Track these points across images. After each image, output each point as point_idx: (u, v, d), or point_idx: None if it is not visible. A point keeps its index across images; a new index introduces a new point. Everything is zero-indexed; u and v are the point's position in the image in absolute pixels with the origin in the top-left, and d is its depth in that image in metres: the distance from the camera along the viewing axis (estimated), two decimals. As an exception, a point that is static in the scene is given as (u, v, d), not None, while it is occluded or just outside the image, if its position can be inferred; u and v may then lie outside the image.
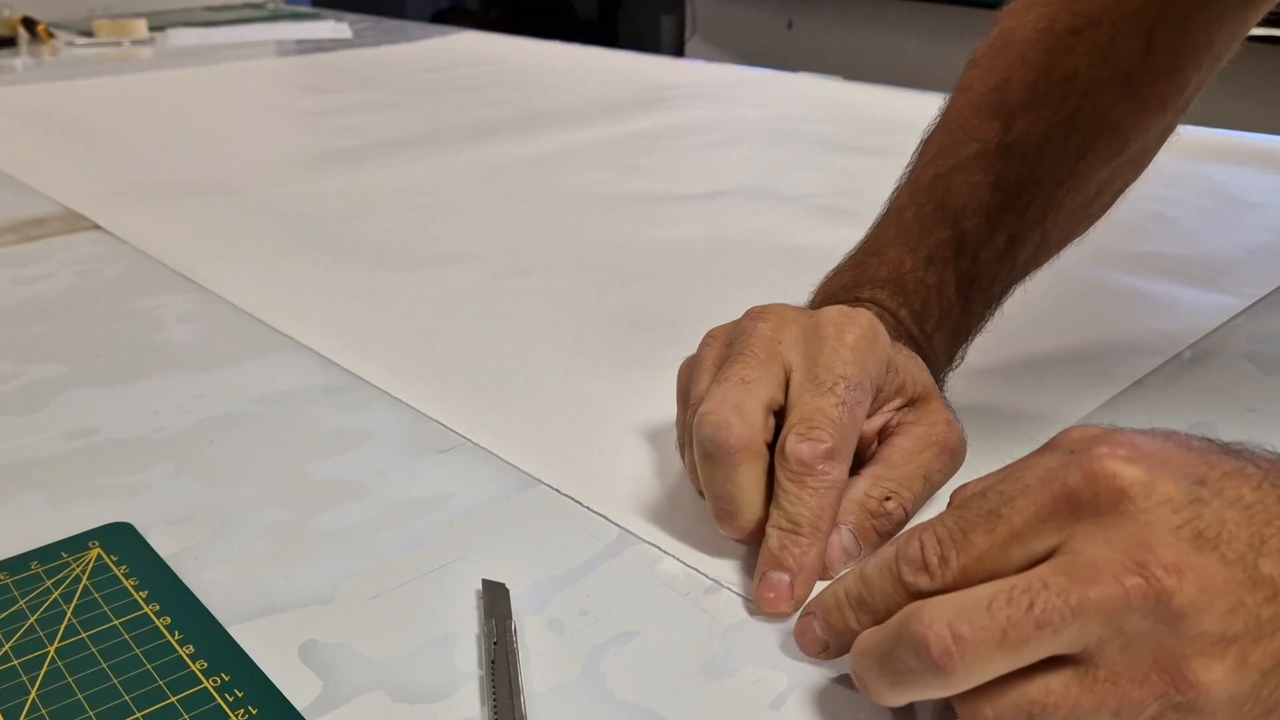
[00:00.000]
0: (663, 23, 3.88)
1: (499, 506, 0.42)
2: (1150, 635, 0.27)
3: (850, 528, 0.38)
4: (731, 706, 0.32)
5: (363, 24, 1.78)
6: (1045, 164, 0.47)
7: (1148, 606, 0.27)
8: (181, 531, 0.40)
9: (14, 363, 0.54)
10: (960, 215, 0.47)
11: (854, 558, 0.38)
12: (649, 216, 0.77)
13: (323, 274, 0.66)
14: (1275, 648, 0.27)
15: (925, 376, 0.42)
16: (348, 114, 1.10)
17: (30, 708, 0.32)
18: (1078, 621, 0.27)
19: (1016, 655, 0.27)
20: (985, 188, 0.47)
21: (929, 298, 0.46)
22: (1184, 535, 0.27)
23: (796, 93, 1.21)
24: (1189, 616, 0.27)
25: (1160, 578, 0.27)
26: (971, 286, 0.47)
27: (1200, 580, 0.27)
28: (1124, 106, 0.47)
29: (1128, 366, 0.52)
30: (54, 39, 1.58)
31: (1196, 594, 0.27)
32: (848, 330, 0.39)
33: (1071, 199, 0.48)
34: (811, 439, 0.37)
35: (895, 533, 0.38)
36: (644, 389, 0.51)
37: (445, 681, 0.33)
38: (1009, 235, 0.47)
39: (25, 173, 0.88)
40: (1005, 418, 0.48)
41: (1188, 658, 0.27)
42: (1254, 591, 0.27)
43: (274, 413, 0.49)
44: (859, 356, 0.39)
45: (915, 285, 0.46)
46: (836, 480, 0.37)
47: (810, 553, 0.36)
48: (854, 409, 0.38)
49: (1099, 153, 0.47)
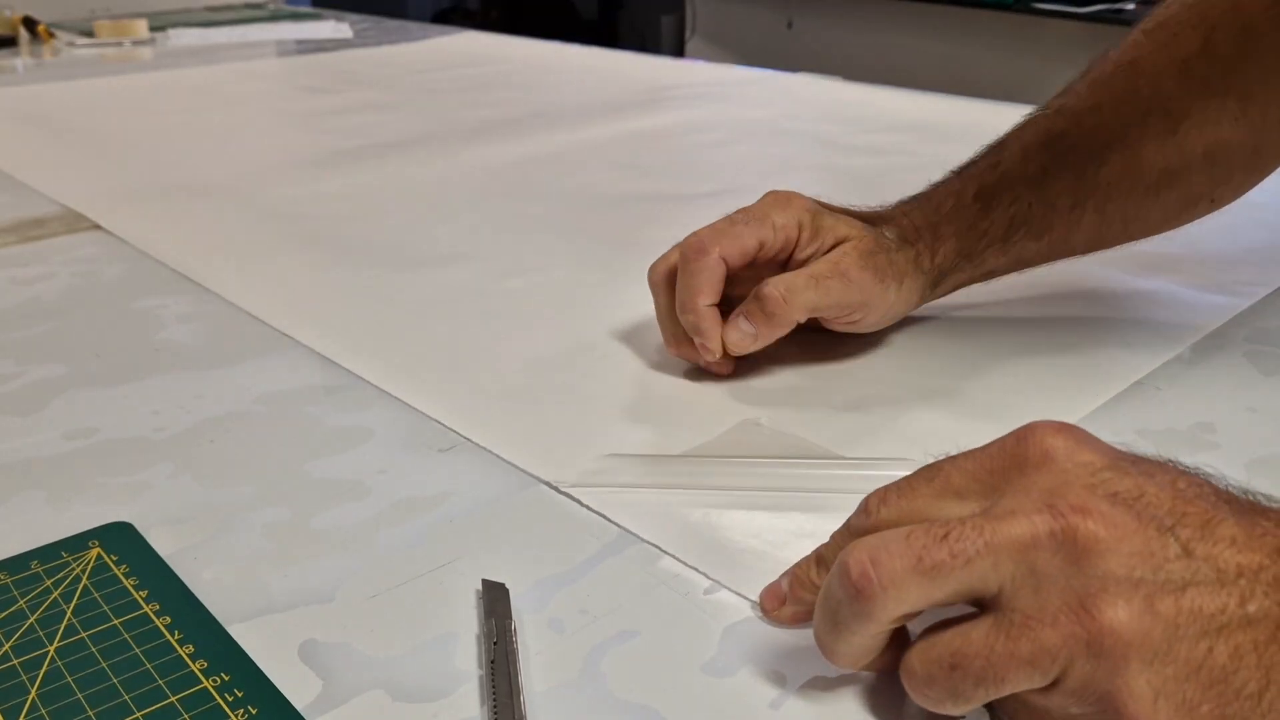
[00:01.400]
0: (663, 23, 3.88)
1: (499, 506, 0.42)
2: (1059, 575, 0.28)
3: (744, 317, 0.49)
4: (731, 706, 0.32)
5: (363, 24, 1.78)
6: (1089, 125, 0.53)
7: (1055, 544, 0.28)
8: (181, 531, 0.40)
9: (14, 363, 0.54)
10: (1000, 148, 0.55)
11: (753, 335, 0.49)
12: (649, 216, 0.77)
13: (323, 274, 0.66)
14: (1187, 604, 0.27)
15: (844, 230, 0.51)
16: (348, 114, 1.10)
17: (30, 707, 0.32)
18: (990, 555, 0.28)
19: (931, 584, 0.29)
20: (1029, 132, 0.54)
21: (943, 199, 0.54)
22: (1098, 491, 0.29)
23: (796, 93, 1.21)
24: (1094, 554, 0.28)
25: (1067, 514, 0.28)
26: (993, 197, 0.53)
27: (1108, 523, 0.28)
28: (1178, 88, 0.52)
29: (1128, 366, 0.52)
30: (54, 39, 1.58)
31: (1103, 533, 0.28)
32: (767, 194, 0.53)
33: (1126, 171, 0.53)
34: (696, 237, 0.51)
35: (773, 312, 0.49)
36: (644, 389, 0.51)
37: (445, 681, 0.33)
38: (1042, 166, 0.53)
39: (25, 173, 0.88)
40: (1005, 418, 0.48)
41: (1094, 595, 0.27)
42: (1164, 545, 0.28)
43: (274, 412, 0.49)
44: (762, 203, 0.52)
45: (934, 191, 0.55)
46: (707, 264, 0.50)
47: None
48: (736, 222, 0.51)
49: (1150, 127, 0.52)
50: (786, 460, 0.45)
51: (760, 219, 0.51)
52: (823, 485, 0.42)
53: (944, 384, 0.51)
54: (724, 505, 0.42)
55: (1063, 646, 0.27)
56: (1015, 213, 0.53)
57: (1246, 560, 0.28)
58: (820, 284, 0.49)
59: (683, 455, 0.45)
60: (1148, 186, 0.53)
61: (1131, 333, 0.56)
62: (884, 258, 0.51)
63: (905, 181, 0.57)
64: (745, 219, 0.51)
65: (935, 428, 0.47)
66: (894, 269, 0.51)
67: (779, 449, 0.46)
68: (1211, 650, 0.27)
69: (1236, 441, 0.46)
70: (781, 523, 0.41)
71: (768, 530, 0.40)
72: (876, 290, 0.51)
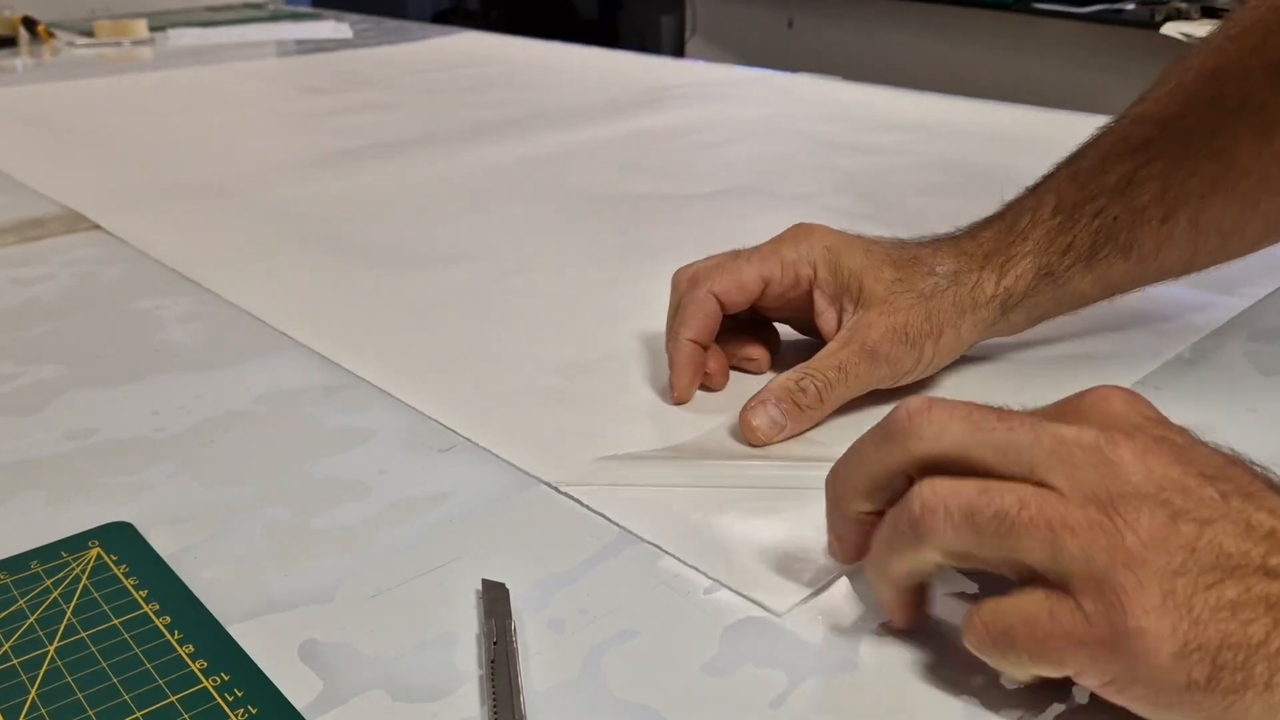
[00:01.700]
0: (663, 23, 3.88)
1: (499, 506, 0.42)
2: (1092, 470, 0.30)
3: (774, 402, 0.45)
4: (731, 706, 0.32)
5: (363, 24, 1.78)
6: (1174, 131, 0.49)
7: (1097, 451, 0.30)
8: (181, 531, 0.40)
9: (14, 363, 0.54)
10: (1078, 158, 0.51)
11: (781, 426, 0.45)
12: (649, 216, 0.77)
13: (323, 274, 0.66)
14: (1209, 536, 0.28)
15: (868, 280, 0.48)
16: (348, 114, 1.10)
17: (30, 707, 0.32)
18: (1032, 434, 0.31)
19: (982, 445, 0.31)
20: (1108, 140, 0.50)
21: (1019, 216, 0.49)
22: (1150, 430, 0.31)
23: (796, 93, 1.21)
24: (1123, 466, 0.30)
25: (1115, 434, 0.30)
26: (1075, 209, 0.49)
27: (1151, 452, 0.30)
28: (1270, 91, 0.48)
29: (1128, 367, 0.52)
30: (54, 39, 1.58)
31: (1135, 458, 0.30)
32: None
33: (1220, 180, 0.48)
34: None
35: (810, 405, 0.46)
36: (645, 389, 0.51)
37: (445, 681, 0.33)
38: (1125, 176, 0.49)
39: (25, 173, 0.88)
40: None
41: (1121, 496, 0.29)
42: (1200, 487, 0.29)
43: (274, 412, 0.49)
44: (778, 237, 0.51)
45: (1008, 209, 0.50)
46: (694, 299, 0.49)
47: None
48: (739, 256, 0.50)
49: (1242, 131, 0.48)
50: (785, 459, 0.45)
51: (768, 255, 0.49)
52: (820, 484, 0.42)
53: (942, 384, 0.51)
54: (724, 505, 0.42)
55: (1085, 530, 0.29)
56: (1100, 226, 0.48)
57: (1278, 526, 0.29)
58: (849, 376, 0.46)
59: (682, 454, 0.45)
60: (1244, 195, 0.49)
61: (1131, 333, 0.56)
62: (920, 312, 0.47)
63: (905, 182, 0.57)
64: (751, 254, 0.50)
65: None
66: (933, 322, 0.47)
67: (779, 447, 0.46)
68: (1222, 583, 0.28)
69: (1236, 442, 0.46)
70: (782, 522, 0.41)
71: (768, 529, 0.40)
72: (909, 358, 0.47)
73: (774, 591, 0.37)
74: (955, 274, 0.48)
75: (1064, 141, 0.53)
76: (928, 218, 0.75)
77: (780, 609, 0.36)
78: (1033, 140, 0.95)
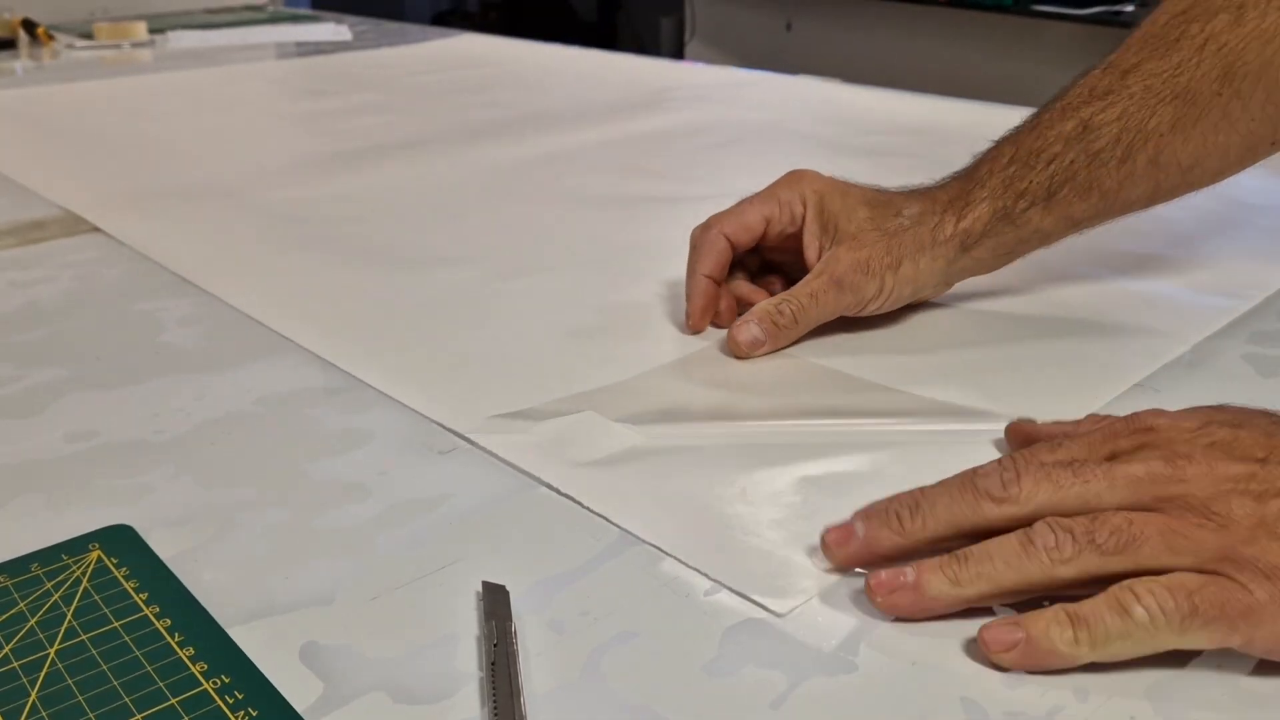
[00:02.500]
0: (662, 25, 3.88)
1: (499, 507, 0.42)
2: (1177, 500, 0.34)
3: (756, 321, 0.53)
4: (731, 707, 0.32)
5: (362, 26, 1.78)
6: (1135, 76, 0.53)
7: (1160, 478, 0.34)
8: (181, 533, 0.40)
9: (14, 366, 0.54)
10: (1043, 109, 0.55)
11: (760, 342, 0.53)
12: (649, 218, 0.77)
13: (323, 275, 0.66)
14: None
15: (851, 227, 0.54)
16: (348, 116, 1.10)
17: (31, 709, 0.32)
18: (1108, 480, 0.35)
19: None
20: (1073, 91, 0.55)
21: (980, 165, 0.55)
22: (1198, 442, 0.35)
23: (796, 95, 1.21)
24: (1196, 482, 0.34)
25: (1174, 460, 0.35)
26: (1031, 155, 0.54)
27: (1203, 460, 0.34)
28: (1232, 29, 0.51)
29: (1127, 369, 0.52)
30: (54, 41, 1.58)
31: (1201, 473, 0.34)
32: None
33: (1179, 119, 0.52)
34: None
35: (787, 325, 0.53)
36: (645, 389, 0.51)
37: (446, 683, 0.33)
38: (1079, 121, 0.53)
39: (25, 176, 0.88)
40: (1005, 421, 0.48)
41: (1207, 502, 0.34)
42: (1261, 469, 0.34)
43: (274, 414, 0.49)
44: (771, 187, 0.58)
45: (976, 161, 0.56)
46: (707, 239, 0.57)
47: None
48: (743, 201, 0.57)
49: (1203, 70, 0.52)
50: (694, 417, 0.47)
51: (767, 197, 0.57)
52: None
53: (941, 386, 0.51)
54: (725, 506, 0.42)
55: (1190, 531, 0.33)
56: (1055, 170, 0.53)
57: None
58: (819, 302, 0.53)
59: (595, 400, 0.48)
60: (1204, 133, 0.52)
61: (1131, 335, 0.56)
62: (881, 247, 0.54)
63: (904, 183, 0.58)
64: (753, 198, 0.57)
65: (935, 429, 0.47)
66: (893, 255, 0.53)
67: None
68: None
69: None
70: (783, 524, 0.41)
71: (769, 531, 0.40)
72: (871, 287, 0.54)
73: (776, 593, 0.37)
74: (919, 215, 0.54)
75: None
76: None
77: (782, 610, 0.36)
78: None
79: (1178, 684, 0.33)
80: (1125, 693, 0.32)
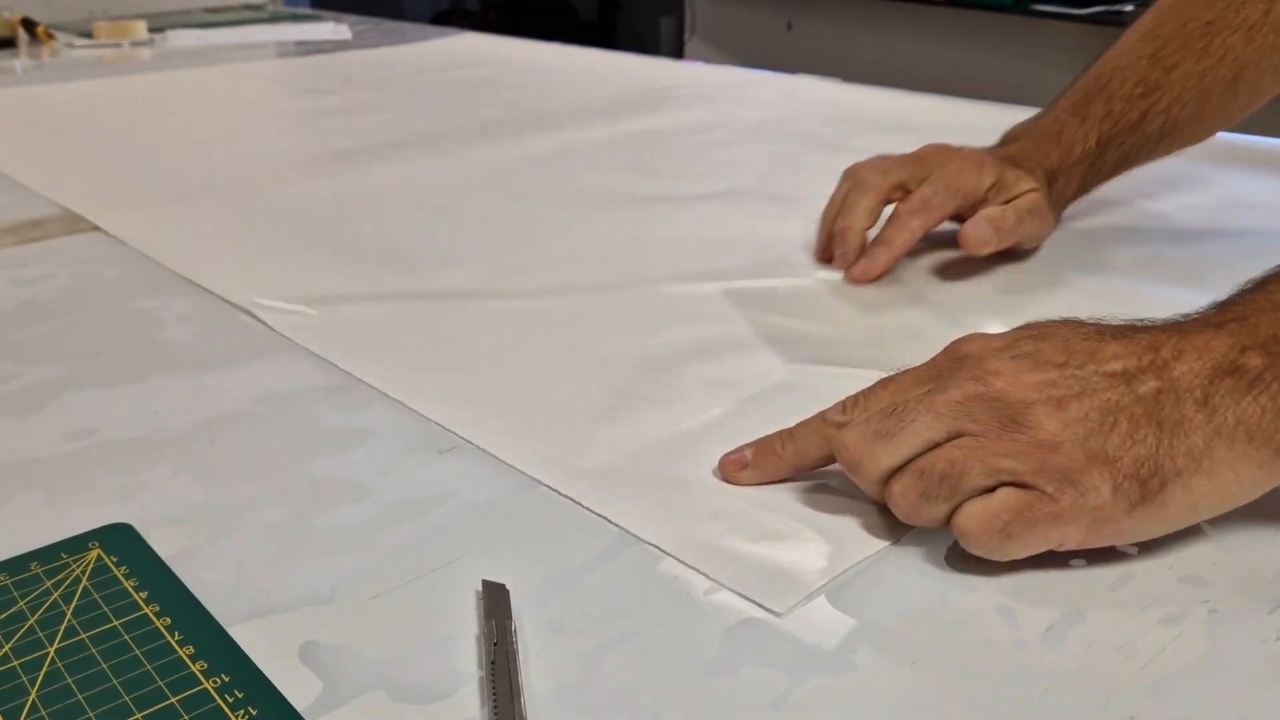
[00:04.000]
0: (662, 24, 3.88)
1: (499, 507, 0.42)
2: (985, 409, 0.38)
3: (985, 221, 0.62)
4: (731, 707, 0.32)
5: (362, 25, 1.78)
6: (1177, 76, 0.67)
7: (981, 397, 0.38)
8: (181, 532, 0.40)
9: (13, 364, 0.54)
10: (1110, 97, 0.68)
11: (990, 241, 0.62)
12: (649, 217, 0.77)
13: (322, 274, 0.66)
14: (1087, 403, 0.37)
15: (1025, 184, 0.65)
16: (347, 115, 1.10)
17: (30, 708, 0.32)
18: (932, 414, 0.38)
19: (892, 447, 0.39)
20: (1133, 80, 0.68)
21: (1072, 145, 0.68)
22: (1004, 355, 0.39)
23: (796, 94, 1.21)
24: (1006, 394, 0.38)
25: (986, 378, 0.38)
26: (1108, 143, 0.68)
27: (1014, 372, 0.38)
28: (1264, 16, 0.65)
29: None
30: (53, 40, 1.58)
31: (1007, 384, 0.38)
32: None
33: (1201, 108, 0.67)
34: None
35: (1010, 230, 0.63)
36: (644, 388, 0.51)
37: (445, 682, 0.33)
38: (1141, 111, 0.67)
39: (25, 174, 0.88)
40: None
41: (1017, 414, 0.37)
42: (1060, 376, 0.38)
43: (274, 413, 0.49)
44: (953, 171, 0.66)
45: (1061, 133, 0.68)
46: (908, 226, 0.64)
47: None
48: (939, 190, 0.65)
49: (1223, 70, 0.66)
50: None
51: (954, 188, 0.64)
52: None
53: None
54: (725, 506, 0.42)
55: (1008, 452, 0.37)
56: (1123, 154, 0.68)
57: (1126, 365, 0.38)
58: (1023, 223, 0.64)
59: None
60: (1216, 116, 0.69)
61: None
62: (1048, 203, 0.66)
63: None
64: (941, 191, 0.64)
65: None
66: (1051, 211, 0.66)
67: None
68: (1114, 425, 0.37)
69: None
70: (781, 524, 0.41)
71: (768, 531, 0.40)
72: (1049, 229, 0.67)
73: (775, 592, 0.37)
74: (1047, 182, 0.67)
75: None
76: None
77: (781, 609, 0.36)
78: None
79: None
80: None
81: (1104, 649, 0.34)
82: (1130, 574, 0.38)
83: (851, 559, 0.39)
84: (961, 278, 0.64)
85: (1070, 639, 0.35)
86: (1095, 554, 0.38)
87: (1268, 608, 0.36)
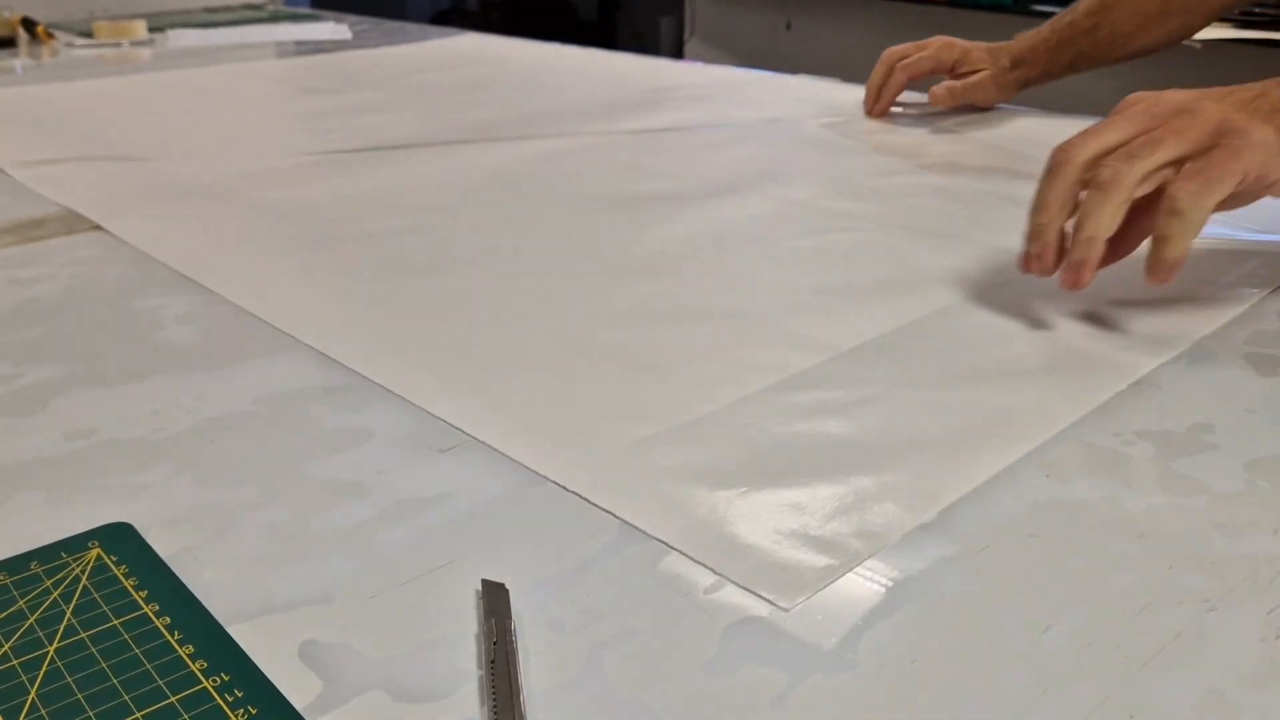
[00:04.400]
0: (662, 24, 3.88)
1: (499, 506, 0.42)
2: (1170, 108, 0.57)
3: (942, 86, 1.09)
4: (732, 706, 0.32)
5: (362, 25, 1.78)
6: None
7: (1172, 104, 0.57)
8: (181, 531, 0.40)
9: (13, 364, 0.54)
10: (1072, 11, 1.03)
11: (941, 99, 1.09)
12: (649, 216, 0.77)
13: (323, 274, 0.66)
14: (1266, 100, 0.57)
15: (981, 65, 1.08)
16: (347, 115, 1.10)
17: (30, 708, 0.32)
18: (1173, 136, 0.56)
19: (1137, 161, 0.55)
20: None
21: (1041, 41, 1.05)
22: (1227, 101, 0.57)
23: (795, 94, 1.21)
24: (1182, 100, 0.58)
25: (1226, 132, 0.55)
26: (1067, 42, 1.02)
27: (1199, 96, 0.57)
28: None
29: (1127, 366, 0.52)
30: (54, 40, 1.58)
31: (1193, 100, 0.57)
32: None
33: (1149, 19, 0.98)
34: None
35: (960, 94, 1.07)
36: (644, 387, 0.51)
37: (445, 681, 0.33)
38: (1095, 22, 1.00)
39: (24, 174, 0.88)
40: (1006, 418, 0.48)
41: (1195, 101, 0.57)
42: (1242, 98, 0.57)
43: (274, 412, 0.49)
44: (947, 49, 1.13)
45: (1040, 38, 1.05)
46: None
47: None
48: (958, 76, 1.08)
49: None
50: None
51: (935, 59, 1.07)
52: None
53: (940, 382, 0.51)
54: (730, 502, 0.42)
55: (1193, 124, 0.55)
56: (1078, 51, 1.01)
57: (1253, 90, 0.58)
58: (971, 90, 1.05)
59: None
60: (1164, 32, 0.99)
61: (1130, 333, 0.56)
62: (1003, 78, 1.04)
63: (903, 184, 0.58)
64: (926, 59, 1.07)
65: (928, 428, 0.47)
66: (1003, 86, 1.06)
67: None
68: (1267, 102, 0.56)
69: (1235, 442, 0.46)
70: (786, 520, 0.41)
71: (773, 526, 0.40)
72: (996, 98, 1.06)
73: (781, 587, 0.37)
74: (1013, 64, 1.05)
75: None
76: (927, 218, 0.76)
77: (788, 604, 0.36)
78: (1031, 141, 0.95)
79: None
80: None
81: (1103, 647, 0.34)
82: (1130, 573, 0.38)
83: (856, 557, 0.39)
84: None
85: (1070, 637, 0.35)
86: (1095, 553, 0.38)
87: (1266, 607, 0.36)
